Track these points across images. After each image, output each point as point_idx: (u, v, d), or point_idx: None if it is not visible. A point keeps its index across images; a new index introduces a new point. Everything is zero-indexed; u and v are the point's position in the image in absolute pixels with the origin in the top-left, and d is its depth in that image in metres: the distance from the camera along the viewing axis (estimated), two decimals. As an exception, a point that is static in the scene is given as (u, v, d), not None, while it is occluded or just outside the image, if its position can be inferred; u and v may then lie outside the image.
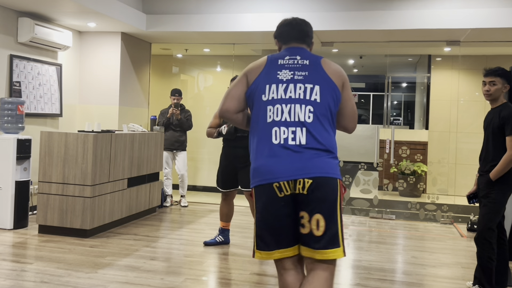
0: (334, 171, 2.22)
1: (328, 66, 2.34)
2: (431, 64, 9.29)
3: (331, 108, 2.28)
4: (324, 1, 6.26)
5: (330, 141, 2.25)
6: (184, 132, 7.01)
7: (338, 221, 2.19)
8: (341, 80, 2.32)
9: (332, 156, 2.25)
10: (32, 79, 6.05)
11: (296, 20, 2.47)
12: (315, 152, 2.20)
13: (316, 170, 2.18)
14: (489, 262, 3.55)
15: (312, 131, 2.22)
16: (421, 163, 8.50)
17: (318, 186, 2.17)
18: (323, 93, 2.27)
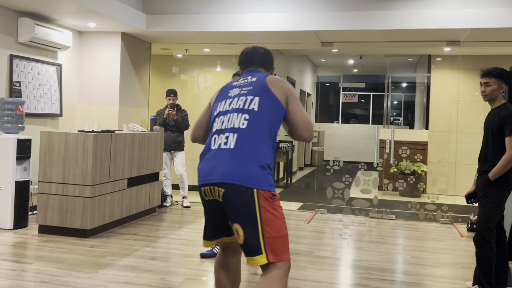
0: (251, 181, 2.24)
1: (272, 81, 2.49)
2: (431, 64, 9.30)
3: (270, 119, 2.37)
4: (324, 1, 6.26)
5: (260, 149, 2.31)
6: (181, 132, 7.00)
7: (259, 230, 2.24)
8: (284, 94, 2.44)
9: (259, 164, 2.28)
10: (32, 79, 6.05)
11: (255, 49, 2.71)
12: (241, 158, 2.27)
13: (232, 176, 2.25)
14: (488, 262, 3.55)
15: (244, 137, 2.32)
16: (421, 163, 8.51)
17: (231, 195, 2.26)
18: (262, 103, 2.39)
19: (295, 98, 2.47)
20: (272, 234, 2.25)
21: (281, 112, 2.42)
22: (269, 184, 2.30)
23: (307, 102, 13.30)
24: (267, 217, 2.25)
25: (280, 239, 2.28)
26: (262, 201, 2.25)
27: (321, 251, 4.90)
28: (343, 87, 15.00)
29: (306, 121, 2.46)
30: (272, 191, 2.30)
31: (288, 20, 6.32)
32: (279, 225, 2.28)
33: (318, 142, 13.09)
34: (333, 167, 7.12)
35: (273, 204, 2.28)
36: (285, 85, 2.49)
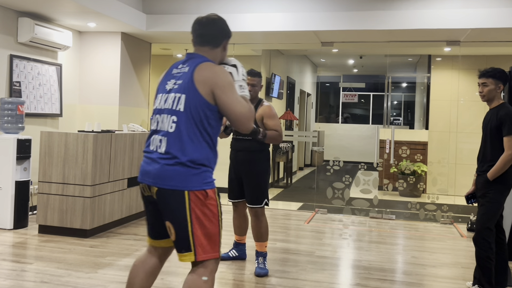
0: (181, 183, 2.26)
1: (199, 73, 2.31)
2: (431, 64, 9.30)
3: (197, 117, 2.29)
4: (324, 1, 6.26)
5: (190, 150, 2.28)
6: None
7: (188, 229, 2.27)
8: (208, 88, 2.28)
9: (189, 165, 2.27)
10: (32, 79, 6.05)
11: (199, 22, 2.47)
12: (171, 162, 2.28)
13: (162, 181, 2.28)
14: (488, 262, 3.55)
15: (172, 141, 2.29)
16: (421, 163, 8.51)
17: (163, 196, 2.29)
18: (187, 102, 2.29)
19: (224, 91, 2.29)
20: (202, 233, 2.28)
21: (207, 109, 2.30)
22: (203, 182, 2.29)
23: (307, 102, 13.30)
24: (197, 216, 2.27)
25: (210, 238, 2.30)
26: (193, 201, 2.26)
27: (321, 251, 4.90)
28: (343, 87, 15.00)
29: (238, 113, 2.31)
30: (205, 189, 2.29)
31: (288, 20, 6.32)
32: (209, 224, 2.30)
33: (318, 142, 13.09)
34: (333, 167, 7.12)
35: (205, 203, 2.29)
36: (210, 77, 2.30)
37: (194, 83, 2.30)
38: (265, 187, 4.09)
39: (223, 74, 2.32)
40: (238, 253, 4.44)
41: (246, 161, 4.07)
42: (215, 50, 2.45)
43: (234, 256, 4.44)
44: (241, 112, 2.31)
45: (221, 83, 2.29)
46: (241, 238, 4.43)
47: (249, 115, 2.34)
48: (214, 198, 2.33)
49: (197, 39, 2.45)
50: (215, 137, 2.38)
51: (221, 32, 2.48)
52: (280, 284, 3.83)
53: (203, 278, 2.31)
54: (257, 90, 4.11)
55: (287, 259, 4.54)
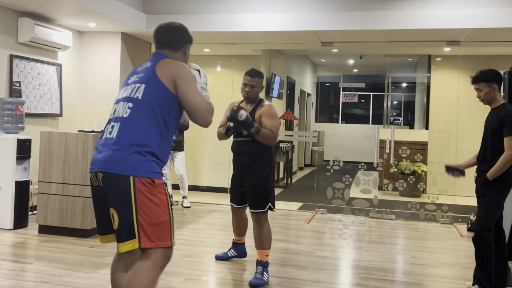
0: (127, 169, 2.27)
1: (161, 66, 2.40)
2: (431, 64, 9.30)
3: (155, 105, 2.34)
4: (324, 1, 6.26)
5: (141, 137, 2.31)
6: (181, 132, 7.00)
7: (133, 214, 2.26)
8: (170, 78, 2.36)
9: (137, 151, 2.29)
10: (32, 79, 6.05)
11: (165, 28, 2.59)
12: (120, 147, 2.30)
13: (108, 165, 2.29)
14: (488, 262, 3.55)
15: (125, 126, 2.34)
16: (421, 163, 8.51)
17: (108, 181, 2.29)
18: (146, 91, 2.36)
19: (185, 82, 2.37)
20: (147, 220, 2.27)
21: (169, 98, 2.36)
22: (150, 171, 2.30)
23: (307, 102, 13.29)
24: (143, 202, 2.27)
25: (157, 226, 2.29)
26: (138, 187, 2.26)
27: (321, 251, 4.90)
28: (343, 87, 15.01)
29: (196, 106, 2.37)
30: (152, 178, 2.29)
31: (288, 20, 6.32)
32: (156, 211, 2.29)
33: (318, 142, 13.09)
34: (333, 167, 7.12)
35: (151, 190, 2.28)
36: (173, 68, 2.39)
37: (156, 74, 2.37)
38: (268, 191, 3.87)
39: (185, 67, 2.42)
40: (236, 252, 4.42)
41: (247, 164, 3.92)
42: (174, 54, 2.55)
43: (232, 256, 4.43)
44: (199, 103, 2.36)
45: (183, 74, 2.37)
46: (240, 238, 4.39)
47: (207, 108, 2.38)
48: (162, 187, 2.34)
49: (156, 44, 2.59)
50: (172, 128, 2.42)
51: (180, 38, 2.58)
52: (280, 284, 3.83)
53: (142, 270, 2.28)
54: (257, 92, 3.96)
55: (287, 259, 4.54)
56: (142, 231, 2.26)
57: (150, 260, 2.30)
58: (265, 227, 3.89)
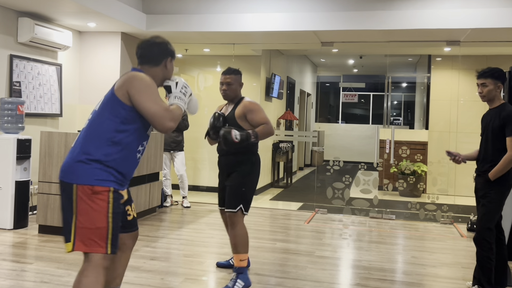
0: (71, 177, 2.43)
1: (120, 79, 2.55)
2: (431, 64, 9.30)
3: (108, 116, 2.48)
4: (324, 1, 6.26)
5: (91, 146, 2.46)
6: (181, 132, 6.99)
7: (73, 219, 2.42)
8: (124, 89, 2.48)
9: (81, 160, 2.44)
10: (32, 79, 6.05)
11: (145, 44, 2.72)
12: (73, 156, 2.47)
13: (62, 173, 2.48)
14: (488, 262, 3.55)
15: (81, 137, 2.52)
16: (421, 163, 8.51)
17: (61, 187, 2.50)
18: (103, 102, 2.53)
19: (138, 92, 2.46)
20: (84, 225, 2.40)
21: (121, 108, 2.47)
22: (94, 178, 2.42)
23: (307, 102, 13.30)
24: (82, 208, 2.40)
25: (93, 231, 2.40)
26: (80, 194, 2.40)
27: (321, 251, 4.90)
28: (343, 87, 15.00)
29: (152, 113, 2.46)
30: (93, 185, 2.41)
31: (288, 20, 6.32)
32: (94, 217, 2.41)
33: (318, 142, 13.09)
34: (333, 167, 7.12)
35: (92, 197, 2.41)
36: (127, 80, 2.49)
37: (114, 86, 2.53)
38: (241, 191, 3.72)
39: (141, 78, 2.52)
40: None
41: (228, 164, 3.83)
42: (155, 69, 2.67)
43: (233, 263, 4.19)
44: (155, 110, 2.45)
45: (137, 84, 2.48)
46: None
47: (163, 114, 2.46)
48: (105, 195, 2.44)
49: (138, 59, 2.72)
50: (127, 139, 2.51)
51: (159, 53, 2.69)
52: (280, 284, 3.83)
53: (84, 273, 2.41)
54: (235, 89, 3.84)
55: (287, 259, 4.54)
56: (78, 236, 2.41)
57: (90, 263, 2.43)
58: (238, 230, 3.70)
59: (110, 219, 2.44)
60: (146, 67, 2.67)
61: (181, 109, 2.63)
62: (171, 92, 2.68)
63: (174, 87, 2.70)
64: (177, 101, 2.66)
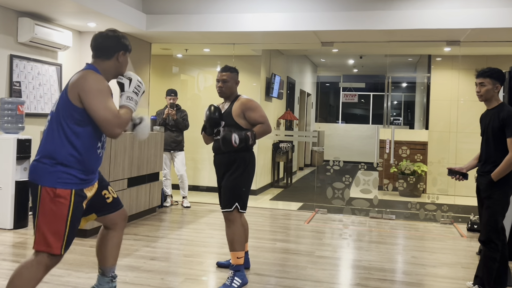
0: (37, 177, 2.52)
1: (73, 78, 2.57)
2: (431, 64, 9.30)
3: (62, 118, 2.53)
4: (324, 1, 6.26)
5: (51, 148, 2.53)
6: (181, 132, 6.99)
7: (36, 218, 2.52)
8: (75, 92, 2.51)
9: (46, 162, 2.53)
10: (32, 79, 6.05)
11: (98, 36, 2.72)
12: (38, 157, 2.56)
13: (29, 174, 2.58)
14: (493, 263, 3.54)
15: (43, 138, 2.59)
16: (421, 163, 8.51)
17: (29, 188, 2.59)
18: (58, 104, 2.57)
19: (89, 96, 2.48)
20: (41, 225, 2.51)
21: (73, 111, 2.52)
22: (56, 181, 2.50)
23: (307, 102, 13.30)
24: (43, 209, 2.50)
25: (47, 232, 2.50)
26: (43, 195, 2.50)
27: (321, 251, 4.90)
28: (343, 87, 15.00)
29: (101, 119, 2.49)
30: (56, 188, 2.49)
31: (288, 20, 6.32)
32: (52, 219, 2.51)
33: (318, 142, 13.09)
34: (333, 167, 7.12)
35: (53, 200, 2.50)
36: (78, 82, 2.52)
37: (67, 87, 2.55)
38: (236, 190, 3.71)
39: (92, 80, 2.52)
40: None
41: (222, 163, 3.83)
42: (107, 62, 2.69)
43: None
44: (104, 116, 2.48)
45: (87, 88, 2.50)
46: None
47: (112, 121, 2.49)
48: (67, 198, 2.51)
49: (92, 52, 2.73)
50: (84, 139, 2.56)
51: (111, 46, 2.69)
52: (280, 284, 3.83)
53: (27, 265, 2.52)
54: (231, 86, 3.83)
55: (287, 259, 4.54)
56: (36, 235, 2.52)
57: (35, 259, 2.54)
58: (234, 228, 3.72)
59: (68, 223, 2.54)
60: (98, 60, 2.69)
61: (131, 112, 2.66)
62: (124, 91, 2.70)
63: (128, 85, 2.71)
64: (128, 103, 2.67)
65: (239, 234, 3.74)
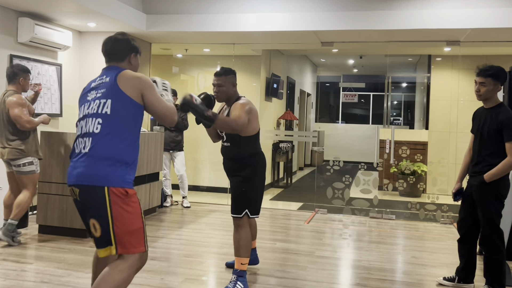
0: (101, 179, 2.47)
1: (123, 79, 2.58)
2: (431, 64, 9.30)
3: (124, 117, 2.55)
4: (324, 1, 6.26)
5: (111, 150, 2.51)
6: (180, 132, 6.98)
7: (109, 224, 2.46)
8: (137, 91, 2.58)
9: (111, 164, 2.49)
10: (32, 79, 6.04)
11: (108, 40, 2.78)
12: (95, 160, 2.49)
13: (84, 178, 2.49)
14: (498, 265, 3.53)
15: (97, 141, 2.52)
16: (421, 163, 8.51)
17: (84, 193, 2.50)
18: (113, 105, 2.55)
19: (150, 92, 2.61)
20: (122, 229, 2.47)
21: (136, 108, 2.59)
22: (122, 180, 2.51)
23: (307, 102, 13.30)
24: (117, 212, 2.46)
25: (131, 233, 2.49)
26: (113, 197, 2.46)
27: (321, 251, 4.90)
28: (343, 87, 15.00)
29: (164, 111, 2.65)
30: (124, 187, 2.50)
31: (288, 20, 6.32)
32: (130, 220, 2.49)
33: (318, 142, 13.08)
34: (333, 167, 7.12)
35: (125, 200, 2.49)
36: (137, 82, 2.59)
37: (120, 88, 2.56)
38: (245, 197, 3.68)
39: (145, 77, 2.65)
40: None
41: (230, 168, 3.78)
42: (120, 64, 2.74)
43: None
44: (166, 107, 2.65)
45: (147, 85, 2.61)
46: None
47: (171, 110, 2.68)
48: (136, 197, 2.54)
49: (105, 57, 2.77)
50: (137, 135, 2.62)
51: (122, 49, 2.76)
52: (280, 284, 3.83)
53: (118, 269, 2.46)
54: (226, 90, 3.72)
55: (287, 259, 4.54)
56: (118, 239, 2.48)
57: (127, 262, 2.50)
58: (242, 234, 3.68)
59: (143, 219, 2.56)
60: (113, 63, 2.74)
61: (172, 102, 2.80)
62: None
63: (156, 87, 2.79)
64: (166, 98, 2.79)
65: (246, 240, 3.68)
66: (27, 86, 4.87)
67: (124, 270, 2.47)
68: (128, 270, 2.49)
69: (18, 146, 4.65)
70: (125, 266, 2.48)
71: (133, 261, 2.51)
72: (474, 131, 3.75)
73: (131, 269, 2.50)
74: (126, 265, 2.49)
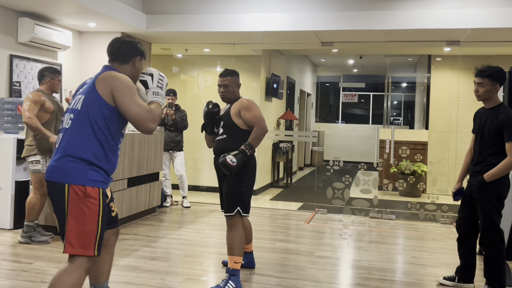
0: (63, 177, 2.44)
1: (101, 78, 2.54)
2: (431, 64, 9.30)
3: (91, 115, 2.49)
4: (324, 1, 6.26)
5: (78, 146, 2.47)
6: (180, 132, 6.98)
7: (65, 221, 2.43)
8: (108, 90, 2.50)
9: (72, 160, 2.46)
10: (32, 79, 6.05)
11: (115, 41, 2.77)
12: (61, 156, 2.48)
13: (51, 174, 2.49)
14: (498, 265, 3.53)
15: (67, 136, 2.51)
16: (421, 163, 8.51)
17: (49, 188, 2.51)
18: (85, 102, 2.52)
19: (121, 94, 2.49)
20: (74, 227, 2.42)
21: (105, 108, 2.50)
22: (85, 179, 2.44)
23: (307, 102, 13.30)
24: (73, 210, 2.42)
25: (81, 234, 2.43)
26: (71, 194, 2.42)
27: (321, 251, 4.90)
28: (343, 87, 15.00)
29: (136, 115, 2.50)
30: (86, 186, 2.43)
31: (288, 20, 6.32)
32: (83, 220, 2.43)
33: (318, 142, 13.09)
34: (333, 167, 7.12)
35: (83, 199, 2.43)
36: (110, 81, 2.52)
37: (95, 85, 2.52)
38: (237, 194, 3.68)
39: (122, 78, 2.54)
40: (244, 261, 4.08)
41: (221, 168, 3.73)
42: (123, 66, 2.71)
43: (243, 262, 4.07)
44: (137, 112, 2.49)
45: (119, 86, 2.51)
46: (246, 246, 4.12)
47: (145, 116, 2.50)
48: (96, 198, 2.46)
49: (108, 57, 2.75)
50: (112, 137, 2.55)
51: (127, 51, 2.73)
52: (280, 284, 3.83)
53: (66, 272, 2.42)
54: (232, 90, 3.83)
55: (287, 259, 4.54)
56: (68, 238, 2.43)
57: (74, 263, 2.44)
58: (235, 232, 3.68)
59: (99, 222, 2.47)
60: (116, 64, 2.71)
61: (160, 106, 2.69)
62: (148, 88, 2.72)
63: (151, 81, 2.73)
64: (156, 98, 2.69)
65: (239, 239, 3.69)
66: (56, 87, 5.02)
67: (72, 272, 2.42)
68: (77, 270, 2.43)
69: (30, 143, 4.78)
70: (72, 268, 2.43)
71: (81, 262, 2.44)
72: (475, 131, 3.76)
73: (80, 268, 2.44)
74: (73, 266, 2.43)
